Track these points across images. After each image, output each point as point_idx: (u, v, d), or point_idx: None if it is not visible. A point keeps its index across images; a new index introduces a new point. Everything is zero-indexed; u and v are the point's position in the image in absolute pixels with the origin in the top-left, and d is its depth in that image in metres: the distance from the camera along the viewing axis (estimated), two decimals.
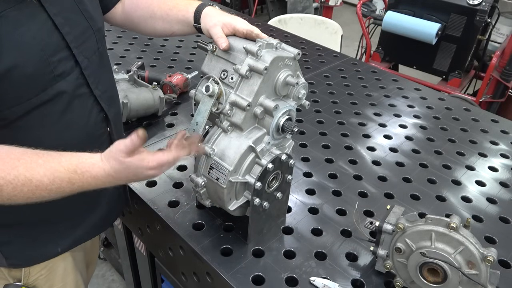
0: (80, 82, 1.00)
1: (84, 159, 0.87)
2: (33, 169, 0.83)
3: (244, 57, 0.99)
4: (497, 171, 1.50)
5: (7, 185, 0.81)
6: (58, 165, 0.85)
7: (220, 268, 1.06)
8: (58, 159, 0.86)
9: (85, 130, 1.05)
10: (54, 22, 0.92)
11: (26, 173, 0.83)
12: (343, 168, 1.45)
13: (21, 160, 0.84)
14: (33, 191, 0.83)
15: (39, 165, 0.84)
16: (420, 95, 1.97)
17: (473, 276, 0.91)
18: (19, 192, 0.82)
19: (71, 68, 0.97)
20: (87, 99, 1.04)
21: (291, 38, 2.46)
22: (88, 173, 0.87)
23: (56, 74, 0.93)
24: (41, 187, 0.83)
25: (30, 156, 0.85)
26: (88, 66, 1.02)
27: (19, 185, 0.82)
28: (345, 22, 4.41)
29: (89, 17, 1.03)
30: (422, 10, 2.96)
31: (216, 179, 1.01)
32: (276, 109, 0.99)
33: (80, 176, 0.86)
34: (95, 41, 1.06)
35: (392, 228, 1.00)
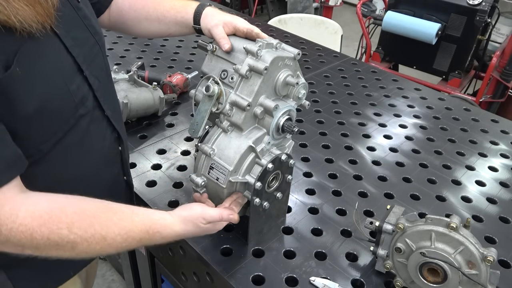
0: (94, 105, 0.96)
1: (156, 219, 0.90)
2: (109, 227, 0.83)
3: (244, 57, 0.99)
4: (497, 171, 1.50)
5: (82, 242, 0.80)
6: (132, 225, 0.86)
7: (220, 268, 1.06)
8: (131, 217, 0.87)
9: (102, 154, 1.02)
10: (65, 45, 0.85)
11: (102, 232, 0.82)
12: (343, 168, 1.45)
13: (96, 217, 0.83)
14: (104, 248, 0.83)
15: (114, 224, 0.84)
16: (420, 95, 1.97)
17: (473, 276, 0.91)
18: (92, 250, 0.82)
19: (87, 92, 0.92)
20: (101, 121, 1.00)
21: (291, 38, 2.46)
22: (159, 234, 0.89)
23: (76, 102, 0.88)
24: (113, 245, 0.84)
25: (105, 212, 0.85)
26: (99, 87, 0.97)
27: (93, 243, 0.81)
28: (345, 22, 4.41)
29: (95, 32, 0.98)
30: (422, 10, 2.96)
31: (216, 179, 1.01)
32: (276, 109, 0.99)
33: (151, 236, 0.88)
34: (102, 58, 1.01)
35: (392, 228, 1.00)
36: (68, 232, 0.79)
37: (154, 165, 1.41)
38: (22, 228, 0.75)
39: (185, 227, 0.93)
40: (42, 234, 0.77)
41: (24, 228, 0.75)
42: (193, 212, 0.94)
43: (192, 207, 0.96)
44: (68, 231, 0.79)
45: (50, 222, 0.78)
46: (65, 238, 0.79)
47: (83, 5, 0.95)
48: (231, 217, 0.97)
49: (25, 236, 0.76)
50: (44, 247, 0.78)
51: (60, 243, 0.79)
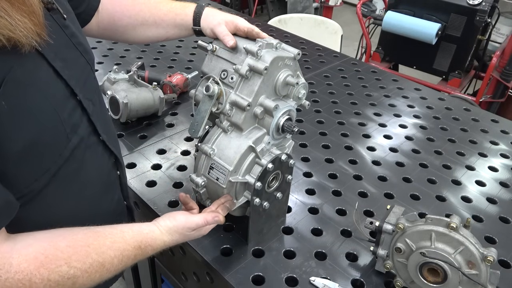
0: (89, 131, 0.89)
1: (146, 233, 0.90)
2: (104, 253, 0.81)
3: (244, 57, 0.99)
4: (497, 171, 1.50)
5: (83, 275, 0.77)
6: (125, 244, 0.85)
7: (220, 268, 1.06)
8: (122, 236, 0.85)
9: (100, 182, 0.97)
10: (54, 69, 0.78)
11: (99, 259, 0.80)
12: (343, 168, 1.45)
13: (90, 245, 0.80)
14: (103, 275, 0.81)
15: (108, 248, 0.82)
16: (420, 95, 1.97)
17: (473, 276, 0.91)
18: (91, 280, 0.79)
19: (80, 118, 0.85)
20: (96, 147, 0.93)
21: (291, 38, 2.46)
22: (150, 247, 0.91)
23: (68, 131, 0.81)
24: (111, 269, 0.82)
25: (96, 238, 0.82)
26: (94, 110, 0.90)
27: (93, 273, 0.79)
28: (345, 22, 4.41)
29: (84, 50, 0.90)
30: (422, 10, 2.96)
31: (216, 179, 1.01)
32: (276, 109, 0.99)
33: (143, 251, 0.89)
34: (93, 78, 0.95)
35: (392, 228, 1.00)
36: (67, 267, 0.75)
37: (154, 165, 1.41)
38: (19, 275, 0.70)
39: (171, 237, 0.94)
40: (41, 276, 0.72)
41: (21, 275, 0.70)
42: (177, 222, 0.94)
43: (176, 217, 0.95)
44: (68, 267, 0.75)
45: (48, 262, 0.73)
46: (66, 274, 0.75)
47: (69, 22, 0.87)
48: (216, 219, 0.98)
49: (24, 284, 0.70)
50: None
51: (61, 281, 0.75)
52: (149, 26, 1.14)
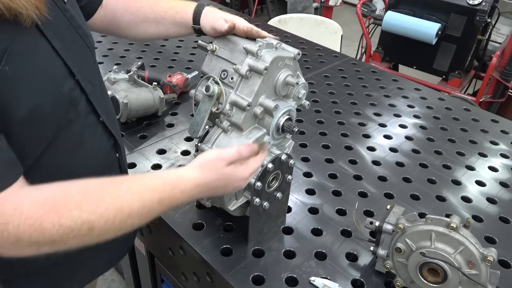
0: (88, 111, 0.92)
1: (168, 174, 0.84)
2: (121, 196, 0.77)
3: (244, 57, 0.99)
4: (497, 171, 1.50)
5: (98, 220, 0.73)
6: (144, 188, 0.80)
7: (220, 268, 1.06)
8: (140, 181, 0.81)
9: (98, 161, 0.97)
10: (54, 48, 0.81)
11: (116, 203, 0.76)
12: (343, 168, 1.45)
13: (104, 190, 0.77)
14: (125, 221, 0.76)
15: (125, 192, 0.78)
16: (420, 95, 1.97)
17: (473, 276, 0.91)
18: (111, 226, 0.75)
19: (79, 96, 0.89)
20: (95, 127, 0.96)
21: (291, 38, 2.46)
22: (177, 189, 0.83)
23: (67, 105, 0.84)
24: (132, 214, 0.77)
25: (111, 185, 0.78)
26: (92, 91, 0.93)
27: (111, 218, 0.74)
28: (345, 22, 4.41)
29: (83, 34, 0.93)
30: (422, 10, 2.96)
31: None
32: (276, 109, 0.99)
33: (169, 194, 0.82)
34: (93, 61, 0.97)
35: (392, 228, 1.00)
36: (79, 212, 0.72)
37: (154, 165, 1.40)
38: (29, 221, 0.69)
39: (202, 173, 0.85)
40: (52, 221, 0.70)
41: (32, 221, 0.69)
42: (208, 156, 0.87)
43: (208, 152, 0.89)
44: (79, 211, 0.72)
45: (57, 206, 0.71)
46: (78, 219, 0.71)
47: (69, 6, 0.90)
48: (249, 149, 0.89)
49: (35, 229, 0.69)
50: (59, 237, 0.71)
51: (75, 226, 0.72)
52: (150, 23, 1.15)
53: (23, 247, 0.71)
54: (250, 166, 0.89)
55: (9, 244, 0.70)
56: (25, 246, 0.71)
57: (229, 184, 0.89)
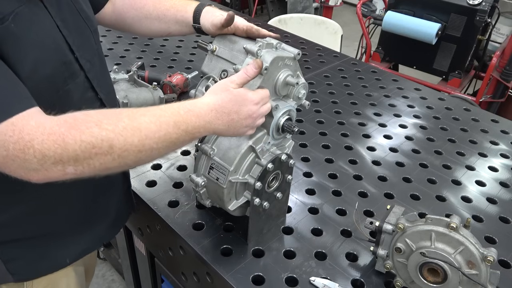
0: (86, 86, 0.98)
1: (182, 103, 0.87)
2: (138, 118, 0.81)
3: (244, 57, 0.99)
4: (497, 171, 1.50)
5: (118, 138, 0.77)
6: (160, 112, 0.84)
7: (220, 268, 1.06)
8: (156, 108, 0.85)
9: None
10: (56, 24, 0.89)
11: (133, 123, 0.80)
12: (343, 168, 1.45)
13: (122, 113, 0.81)
14: (143, 141, 0.80)
15: (141, 115, 0.82)
16: (420, 95, 1.97)
17: (473, 276, 0.91)
18: (130, 145, 0.79)
19: (78, 71, 0.95)
20: (94, 103, 1.01)
21: (291, 38, 2.46)
22: (191, 112, 0.86)
23: (66, 75, 0.91)
24: (150, 135, 0.81)
25: (127, 111, 0.83)
26: (91, 69, 0.99)
27: (129, 136, 0.78)
28: (345, 22, 4.42)
29: (86, 17, 1.00)
30: (422, 10, 2.96)
31: (216, 179, 1.01)
32: (276, 109, 0.99)
33: (184, 117, 0.85)
34: (93, 42, 1.03)
35: (392, 228, 1.00)
36: (99, 129, 0.76)
37: (154, 165, 1.40)
38: (53, 137, 0.73)
39: (215, 96, 0.89)
40: (74, 137, 0.74)
41: (55, 137, 0.73)
42: (219, 82, 0.92)
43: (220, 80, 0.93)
44: (99, 128, 0.76)
45: (78, 124, 0.76)
46: (98, 136, 0.76)
47: None
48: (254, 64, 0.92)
49: (59, 145, 0.73)
50: (82, 153, 0.75)
51: (96, 143, 0.75)
52: (153, 20, 1.18)
53: (49, 166, 0.74)
54: (259, 92, 0.93)
55: (36, 162, 0.73)
56: (51, 165, 0.74)
57: (242, 108, 0.90)
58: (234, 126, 0.91)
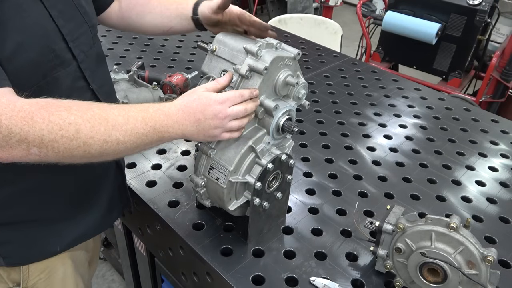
0: (78, 75, 1.00)
1: (153, 103, 0.92)
2: (107, 110, 0.84)
3: (244, 57, 0.99)
4: (497, 171, 1.50)
5: (85, 123, 0.80)
6: (129, 107, 0.88)
7: (220, 268, 1.06)
8: (127, 104, 0.89)
9: None
10: (50, 14, 0.91)
11: (102, 113, 0.83)
12: (343, 168, 1.45)
13: (92, 104, 0.85)
14: (109, 131, 0.82)
15: (111, 108, 0.86)
16: (420, 95, 1.97)
17: (473, 276, 0.91)
18: (96, 133, 0.81)
19: (70, 60, 0.97)
20: (84, 92, 1.03)
21: (291, 38, 2.46)
22: (160, 111, 0.89)
23: (56, 63, 0.92)
24: (117, 126, 0.83)
25: (100, 104, 0.87)
26: (85, 60, 1.01)
27: (96, 124, 0.81)
28: (345, 22, 4.42)
29: (84, 12, 1.03)
30: (422, 10, 2.96)
31: (216, 179, 1.01)
32: (276, 109, 0.99)
33: (153, 114, 0.88)
34: (90, 37, 1.05)
35: (392, 228, 1.00)
36: (67, 113, 0.79)
37: (154, 165, 1.41)
38: (22, 114, 0.75)
39: (182, 98, 0.93)
40: (42, 116, 0.76)
41: (24, 114, 0.75)
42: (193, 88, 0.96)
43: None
44: (68, 113, 0.79)
45: (48, 106, 0.79)
46: (66, 119, 0.78)
47: None
48: (227, 78, 0.97)
49: (27, 122, 0.75)
50: (48, 134, 0.77)
51: (63, 125, 0.78)
52: (156, 14, 1.22)
53: (13, 144, 0.76)
54: (226, 92, 0.94)
55: (1, 138, 0.75)
56: (16, 143, 0.76)
57: (206, 108, 0.91)
58: (203, 127, 0.92)
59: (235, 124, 0.95)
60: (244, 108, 0.94)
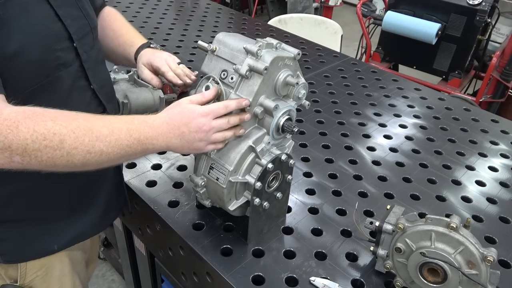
0: (79, 75, 1.02)
1: (139, 115, 0.93)
2: (92, 121, 0.85)
3: (244, 57, 0.99)
4: (497, 171, 1.50)
5: (69, 134, 0.81)
6: (115, 119, 0.89)
7: (220, 268, 1.06)
8: (112, 116, 0.90)
9: None
10: (57, 13, 0.93)
11: (87, 124, 0.84)
12: (343, 168, 1.45)
13: (79, 115, 0.85)
14: (93, 142, 0.83)
15: (97, 119, 0.87)
16: (420, 95, 1.97)
17: (473, 276, 0.91)
18: (80, 144, 0.82)
19: (72, 59, 0.98)
20: (85, 92, 1.05)
21: (291, 38, 2.46)
22: (145, 123, 0.90)
23: (58, 62, 0.94)
24: (101, 137, 0.84)
25: (86, 114, 0.87)
26: (87, 60, 1.03)
27: (81, 135, 0.82)
28: (345, 22, 4.42)
29: (87, 14, 1.06)
30: (422, 10, 2.96)
31: (216, 179, 1.01)
32: (276, 109, 0.99)
33: (137, 126, 0.89)
34: (92, 38, 1.08)
35: (392, 228, 1.00)
36: (53, 123, 0.80)
37: (154, 165, 1.41)
38: (7, 122, 0.76)
39: (167, 111, 0.93)
40: (28, 126, 0.77)
41: (9, 122, 0.76)
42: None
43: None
44: (53, 123, 0.80)
45: (34, 116, 0.79)
46: (51, 129, 0.79)
47: None
48: (212, 92, 0.97)
49: (11, 130, 0.76)
50: (32, 144, 0.77)
51: (47, 135, 0.78)
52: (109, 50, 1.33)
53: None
54: (210, 105, 0.95)
55: None
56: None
57: (191, 121, 0.92)
58: (187, 139, 0.93)
59: (219, 136, 0.95)
60: (227, 121, 0.94)
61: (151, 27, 2.42)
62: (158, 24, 2.47)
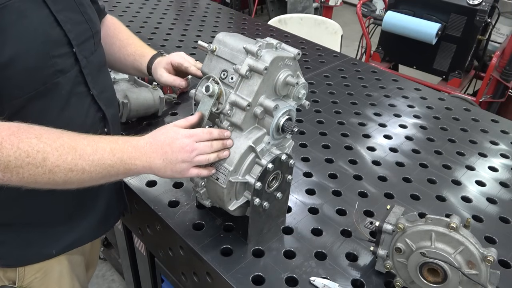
0: (78, 81, 1.01)
1: (123, 136, 0.94)
2: (77, 140, 0.86)
3: (244, 57, 0.99)
4: (497, 171, 1.50)
5: (53, 152, 0.81)
6: (99, 138, 0.89)
7: (220, 268, 1.06)
8: (97, 135, 0.90)
9: (82, 130, 1.03)
10: (56, 19, 0.92)
11: (71, 142, 0.84)
12: (343, 168, 1.45)
13: (64, 133, 0.86)
14: (76, 161, 0.83)
15: (82, 138, 0.87)
16: (420, 95, 1.97)
17: (473, 276, 0.91)
18: (63, 162, 0.82)
19: (71, 65, 0.98)
20: (84, 97, 1.04)
21: (291, 38, 2.46)
22: (128, 143, 0.91)
23: (56, 69, 0.93)
24: (84, 156, 0.84)
25: (71, 133, 0.87)
26: (87, 65, 1.03)
27: (64, 153, 0.82)
28: (345, 22, 4.41)
29: (89, 19, 1.05)
30: (422, 10, 2.96)
31: (216, 179, 1.01)
32: (276, 109, 0.99)
33: (121, 146, 0.89)
34: (93, 43, 1.08)
35: (392, 228, 1.00)
36: (37, 141, 0.80)
37: None
38: None
39: (151, 133, 0.95)
40: (12, 143, 0.78)
41: None
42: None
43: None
44: (38, 140, 0.80)
45: (19, 132, 0.80)
46: (35, 147, 0.79)
47: None
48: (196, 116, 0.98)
49: None
50: (14, 160, 0.78)
51: (31, 153, 0.79)
52: (117, 59, 1.34)
53: None
54: (194, 129, 0.96)
55: None
56: None
57: (174, 141, 0.92)
58: (170, 160, 0.92)
59: (202, 158, 0.94)
60: (210, 144, 0.95)
61: (151, 27, 2.42)
62: (158, 24, 2.47)
